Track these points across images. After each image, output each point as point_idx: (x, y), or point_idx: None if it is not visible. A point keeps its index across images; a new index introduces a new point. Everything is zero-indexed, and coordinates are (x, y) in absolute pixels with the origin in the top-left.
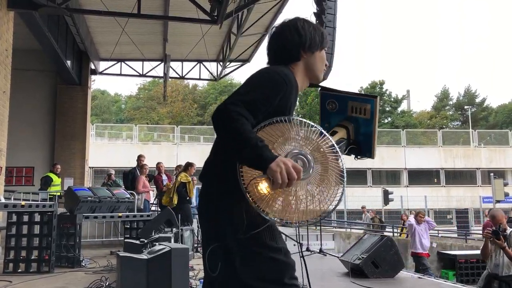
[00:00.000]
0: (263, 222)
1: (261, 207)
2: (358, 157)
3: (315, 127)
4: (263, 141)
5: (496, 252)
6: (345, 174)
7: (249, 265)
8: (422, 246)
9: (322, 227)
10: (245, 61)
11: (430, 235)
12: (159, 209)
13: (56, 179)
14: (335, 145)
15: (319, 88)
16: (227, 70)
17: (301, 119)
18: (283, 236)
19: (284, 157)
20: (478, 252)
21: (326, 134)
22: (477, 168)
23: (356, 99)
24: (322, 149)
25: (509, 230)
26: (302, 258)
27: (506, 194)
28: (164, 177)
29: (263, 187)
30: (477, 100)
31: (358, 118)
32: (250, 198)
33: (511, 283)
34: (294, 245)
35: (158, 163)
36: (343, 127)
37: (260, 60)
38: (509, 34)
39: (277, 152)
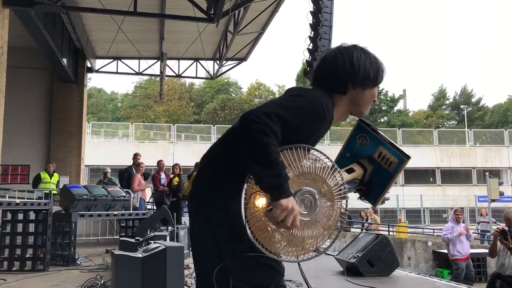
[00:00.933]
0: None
1: (250, 223)
2: (362, 198)
3: (332, 162)
4: (286, 170)
5: (503, 252)
6: (346, 217)
7: (240, 269)
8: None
9: None
10: (242, 59)
11: (426, 234)
12: (155, 208)
13: (46, 177)
14: (345, 184)
15: (358, 119)
16: (224, 69)
17: (320, 151)
18: None
19: (295, 201)
20: (473, 250)
21: (340, 171)
22: (472, 168)
23: (389, 148)
24: (329, 185)
25: None
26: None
27: (501, 194)
28: (162, 175)
29: (260, 203)
30: (473, 100)
31: (380, 166)
32: (242, 211)
33: None
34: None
35: (160, 161)
36: (362, 167)
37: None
38: (506, 34)
39: (291, 184)
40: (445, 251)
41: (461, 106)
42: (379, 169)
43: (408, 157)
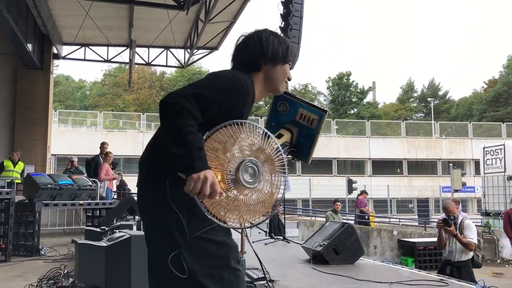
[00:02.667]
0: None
1: (205, 205)
2: (294, 159)
3: (264, 130)
4: (202, 148)
5: (450, 240)
6: (287, 178)
7: (195, 251)
8: None
9: (286, 216)
10: (213, 48)
11: (391, 223)
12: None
13: (9, 165)
14: (281, 148)
15: None
16: (195, 58)
17: (252, 122)
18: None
19: (211, 172)
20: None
21: (275, 139)
22: (438, 159)
23: (307, 108)
24: (270, 157)
25: (460, 218)
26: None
27: (464, 184)
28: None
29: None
30: (440, 93)
31: (304, 126)
32: (200, 202)
33: (461, 268)
34: (259, 233)
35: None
36: (288, 131)
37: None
38: (473, 29)
39: (232, 160)
40: (410, 240)
41: (428, 99)
42: (304, 129)
43: (325, 111)
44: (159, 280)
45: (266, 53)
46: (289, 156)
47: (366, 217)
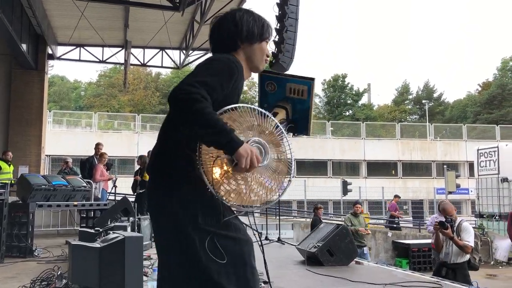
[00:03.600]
0: (219, 207)
1: (216, 190)
2: (295, 134)
3: (259, 109)
4: (226, 124)
5: (446, 242)
6: (293, 163)
7: (210, 248)
8: None
9: (281, 217)
10: (209, 50)
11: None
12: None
13: (5, 167)
14: (285, 133)
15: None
16: (190, 59)
17: (247, 105)
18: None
19: (247, 144)
20: (430, 241)
21: (274, 119)
22: (432, 161)
23: (294, 81)
24: (275, 140)
25: (458, 221)
26: (261, 247)
27: (458, 186)
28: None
29: (216, 172)
30: (435, 95)
31: (295, 99)
32: (207, 180)
33: (457, 270)
34: (254, 234)
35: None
36: (282, 108)
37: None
38: (467, 31)
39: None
40: (404, 241)
41: (423, 101)
42: (296, 102)
43: (312, 79)
44: (175, 284)
45: (241, 31)
46: (289, 132)
47: (396, 221)
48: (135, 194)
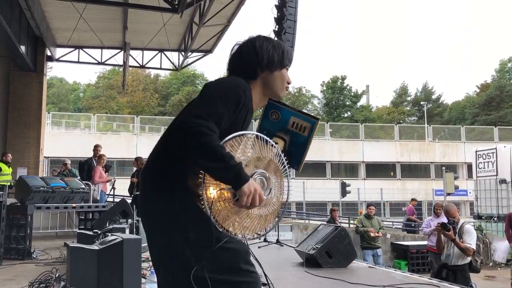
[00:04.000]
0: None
1: (215, 218)
2: (288, 166)
3: (264, 137)
4: (234, 158)
5: (448, 244)
6: (289, 193)
7: (202, 260)
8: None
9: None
10: (208, 51)
11: (385, 227)
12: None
13: (5, 169)
14: (280, 152)
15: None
16: (189, 60)
17: (261, 135)
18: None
19: (253, 181)
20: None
21: (273, 142)
22: (431, 162)
23: (299, 116)
24: (279, 172)
25: (460, 223)
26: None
27: (456, 187)
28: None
29: (212, 193)
30: (433, 97)
31: (295, 133)
32: (209, 210)
33: (457, 272)
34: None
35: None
36: (281, 139)
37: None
38: (465, 33)
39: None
40: (403, 243)
41: (422, 103)
42: (296, 136)
43: (317, 119)
44: None
45: (261, 60)
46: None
47: (413, 224)
48: (132, 196)
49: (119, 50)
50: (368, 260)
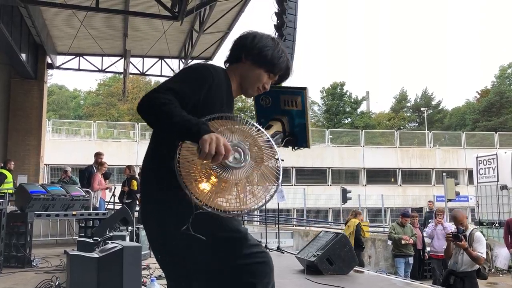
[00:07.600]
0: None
1: (202, 200)
2: (296, 148)
3: (253, 124)
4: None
5: (456, 251)
6: (281, 172)
7: (207, 251)
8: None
9: (281, 225)
10: (208, 58)
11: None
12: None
13: (9, 176)
14: (271, 139)
15: None
16: None
17: (241, 116)
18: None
19: (220, 135)
20: (428, 249)
21: (261, 129)
22: (431, 168)
23: (287, 92)
24: (259, 144)
25: (469, 230)
26: None
27: (457, 193)
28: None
29: (206, 186)
30: (433, 103)
31: (291, 111)
32: (190, 193)
33: (465, 279)
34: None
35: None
36: (278, 121)
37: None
38: (464, 39)
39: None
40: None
41: (422, 109)
42: (292, 113)
43: (304, 88)
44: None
45: (252, 47)
46: (289, 146)
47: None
48: (122, 204)
49: (119, 58)
50: (399, 267)
